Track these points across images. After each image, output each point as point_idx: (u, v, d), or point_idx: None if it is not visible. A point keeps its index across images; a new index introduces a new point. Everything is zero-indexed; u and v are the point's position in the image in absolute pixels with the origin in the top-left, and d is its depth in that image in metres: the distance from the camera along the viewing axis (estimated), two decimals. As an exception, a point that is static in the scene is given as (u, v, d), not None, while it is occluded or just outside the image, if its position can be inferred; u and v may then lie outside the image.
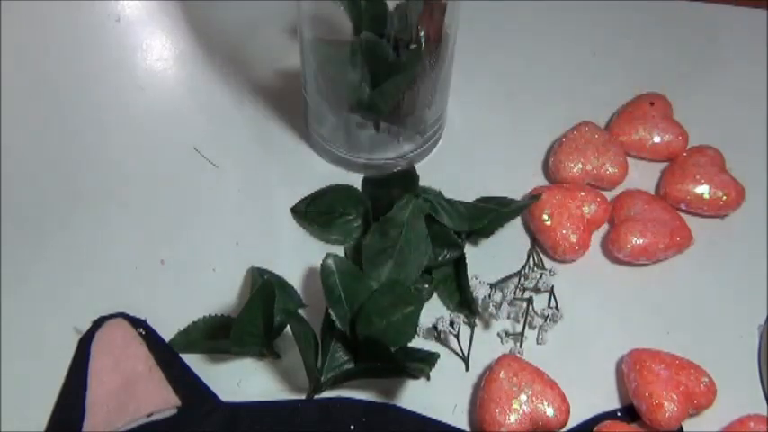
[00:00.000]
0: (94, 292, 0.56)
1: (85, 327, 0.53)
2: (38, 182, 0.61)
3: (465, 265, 0.55)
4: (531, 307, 0.54)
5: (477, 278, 0.55)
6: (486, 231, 0.58)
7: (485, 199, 0.59)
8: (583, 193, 0.59)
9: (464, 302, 0.55)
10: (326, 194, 0.59)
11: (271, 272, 0.56)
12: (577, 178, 0.60)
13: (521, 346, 0.54)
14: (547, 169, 0.62)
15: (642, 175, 0.62)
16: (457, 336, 0.53)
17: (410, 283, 0.53)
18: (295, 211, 0.59)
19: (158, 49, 0.69)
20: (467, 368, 0.53)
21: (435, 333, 0.53)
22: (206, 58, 0.68)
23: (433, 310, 0.55)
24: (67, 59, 0.68)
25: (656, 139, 0.62)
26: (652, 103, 0.64)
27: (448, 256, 0.55)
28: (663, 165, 0.63)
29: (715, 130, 0.64)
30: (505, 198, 0.59)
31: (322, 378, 0.51)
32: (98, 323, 0.54)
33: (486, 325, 0.55)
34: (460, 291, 0.55)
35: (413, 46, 0.53)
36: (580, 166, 0.60)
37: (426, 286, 0.55)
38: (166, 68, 0.67)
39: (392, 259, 0.53)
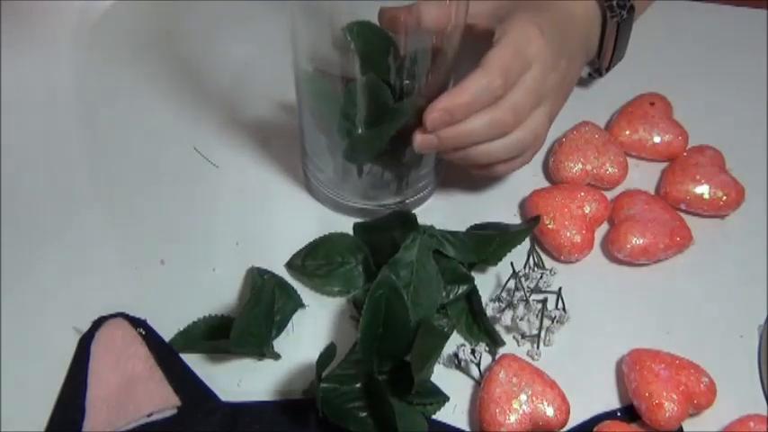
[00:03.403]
0: (94, 292, 0.56)
1: (85, 327, 0.53)
2: (38, 182, 0.61)
3: (479, 297, 0.54)
4: (545, 307, 0.54)
5: (497, 302, 0.54)
6: (494, 259, 0.57)
7: (478, 226, 0.58)
8: (583, 193, 0.59)
9: (485, 332, 0.54)
10: (322, 244, 0.57)
11: (271, 272, 0.56)
12: (577, 178, 0.60)
13: (538, 348, 0.54)
14: (547, 169, 0.62)
15: (642, 175, 0.62)
16: (478, 364, 0.52)
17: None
18: (291, 266, 0.57)
19: (158, 50, 0.69)
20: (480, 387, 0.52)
21: (456, 361, 0.53)
22: (207, 57, 0.68)
23: (455, 337, 0.54)
24: (67, 59, 0.68)
25: (656, 139, 0.62)
26: (652, 103, 0.64)
27: (459, 291, 0.54)
28: (663, 165, 0.63)
29: (715, 130, 0.64)
30: (499, 223, 0.58)
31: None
32: (98, 323, 0.54)
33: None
34: (478, 322, 0.54)
35: (408, 81, 0.52)
36: (580, 166, 0.60)
37: (446, 320, 0.54)
38: (166, 69, 0.67)
39: (409, 301, 0.51)
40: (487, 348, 0.53)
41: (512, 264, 0.55)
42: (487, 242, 0.56)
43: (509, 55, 0.52)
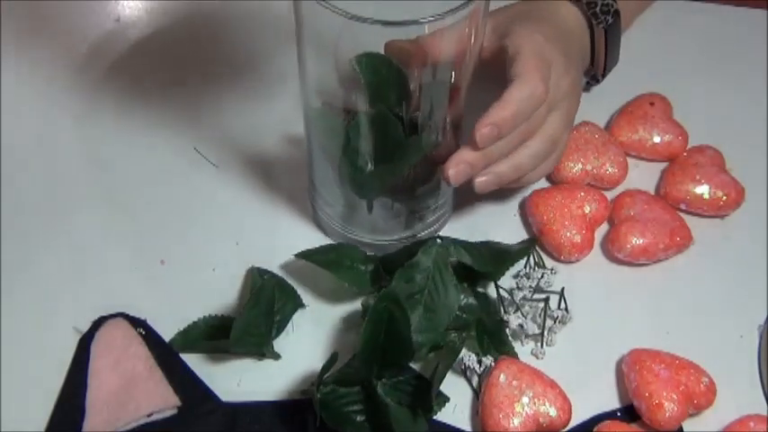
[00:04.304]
0: (94, 292, 0.56)
1: (85, 327, 0.53)
2: (38, 182, 0.61)
3: (494, 310, 0.54)
4: (548, 306, 0.54)
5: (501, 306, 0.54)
6: (498, 275, 0.56)
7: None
8: (582, 193, 0.59)
9: (495, 348, 0.53)
10: (334, 249, 0.56)
11: (271, 272, 0.56)
12: (577, 178, 0.60)
13: (542, 347, 0.54)
14: (547, 169, 0.62)
15: (642, 175, 0.62)
16: (480, 375, 0.52)
17: (442, 329, 0.51)
18: (301, 255, 0.55)
19: (158, 49, 0.69)
20: (478, 399, 0.52)
21: (462, 366, 0.52)
22: (207, 57, 0.68)
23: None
24: (67, 59, 0.68)
25: (656, 139, 0.62)
26: (652, 103, 0.64)
27: (471, 306, 0.54)
28: (663, 165, 0.63)
29: (715, 130, 0.64)
30: (499, 243, 0.58)
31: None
32: (98, 323, 0.54)
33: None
34: (490, 336, 0.53)
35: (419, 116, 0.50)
36: (580, 166, 0.60)
37: (455, 334, 0.53)
38: (166, 68, 0.67)
39: (422, 305, 0.51)
40: (494, 362, 0.52)
41: (495, 283, 0.55)
42: (503, 257, 0.56)
43: (537, 62, 0.52)
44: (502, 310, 0.54)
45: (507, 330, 0.54)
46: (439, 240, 0.54)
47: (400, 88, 0.48)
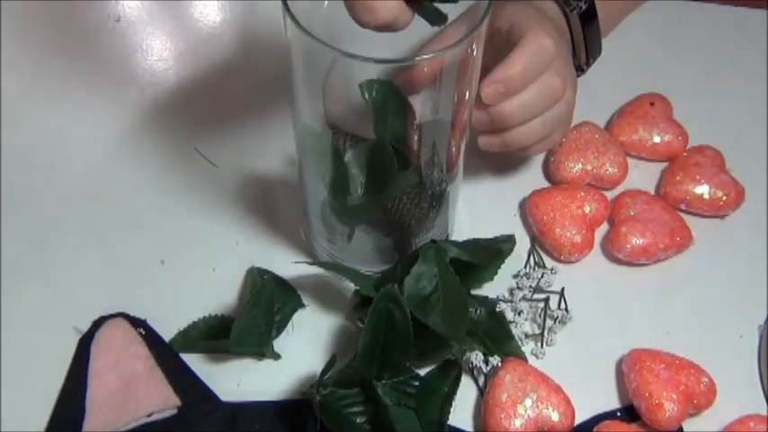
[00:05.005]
0: (94, 292, 0.56)
1: (85, 327, 0.54)
2: (38, 181, 0.61)
3: (503, 316, 0.54)
4: (548, 306, 0.54)
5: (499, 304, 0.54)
6: (493, 269, 0.56)
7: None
8: (582, 193, 0.59)
9: (501, 346, 0.53)
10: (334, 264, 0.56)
11: (271, 272, 0.56)
12: (577, 178, 0.60)
13: (542, 347, 0.54)
14: (547, 169, 0.62)
15: (642, 175, 0.62)
16: (486, 374, 0.52)
17: (467, 321, 0.51)
18: (303, 262, 0.55)
19: (158, 49, 0.69)
20: (483, 398, 0.52)
21: (469, 365, 0.52)
22: (206, 57, 0.68)
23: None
24: (67, 59, 0.67)
25: (656, 139, 0.62)
26: (652, 103, 0.64)
27: (480, 311, 0.53)
28: (663, 165, 0.63)
29: (715, 130, 0.64)
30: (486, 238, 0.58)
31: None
32: (98, 323, 0.54)
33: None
34: (493, 336, 0.53)
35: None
36: (580, 166, 0.60)
37: (456, 347, 0.52)
38: (166, 68, 0.67)
39: (441, 303, 0.50)
40: (501, 362, 0.52)
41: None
42: (497, 250, 0.55)
43: (537, 22, 0.51)
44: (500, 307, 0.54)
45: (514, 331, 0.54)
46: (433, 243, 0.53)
47: (405, 117, 0.47)
